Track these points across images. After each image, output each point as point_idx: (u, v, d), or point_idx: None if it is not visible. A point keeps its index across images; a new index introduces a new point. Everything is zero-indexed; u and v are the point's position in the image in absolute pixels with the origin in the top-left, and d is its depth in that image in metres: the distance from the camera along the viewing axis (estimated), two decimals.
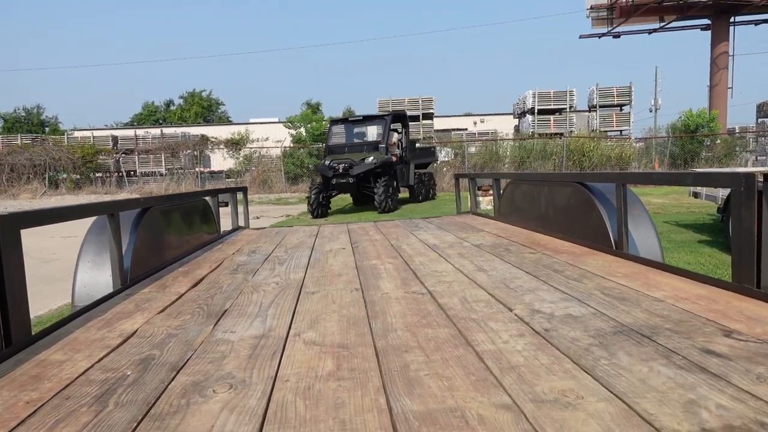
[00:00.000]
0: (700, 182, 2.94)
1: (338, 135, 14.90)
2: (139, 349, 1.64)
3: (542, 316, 1.82)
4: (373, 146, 13.81)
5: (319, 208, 12.82)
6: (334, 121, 15.39)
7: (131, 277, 2.60)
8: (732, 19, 25.82)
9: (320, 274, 2.75)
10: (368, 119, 14.66)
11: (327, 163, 13.58)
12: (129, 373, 1.44)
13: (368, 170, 13.12)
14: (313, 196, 12.90)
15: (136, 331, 1.84)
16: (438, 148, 24.08)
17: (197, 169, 25.18)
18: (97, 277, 2.52)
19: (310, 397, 1.25)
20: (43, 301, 5.19)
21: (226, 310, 2.08)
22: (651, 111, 39.03)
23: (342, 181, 13.10)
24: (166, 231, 3.38)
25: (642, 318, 1.74)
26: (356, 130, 14.75)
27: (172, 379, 1.39)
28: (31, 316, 4.55)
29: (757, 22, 26.86)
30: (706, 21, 26.63)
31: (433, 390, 1.27)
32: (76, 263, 2.61)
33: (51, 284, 6.03)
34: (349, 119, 14.91)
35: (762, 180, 1.86)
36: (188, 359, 1.53)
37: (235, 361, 1.51)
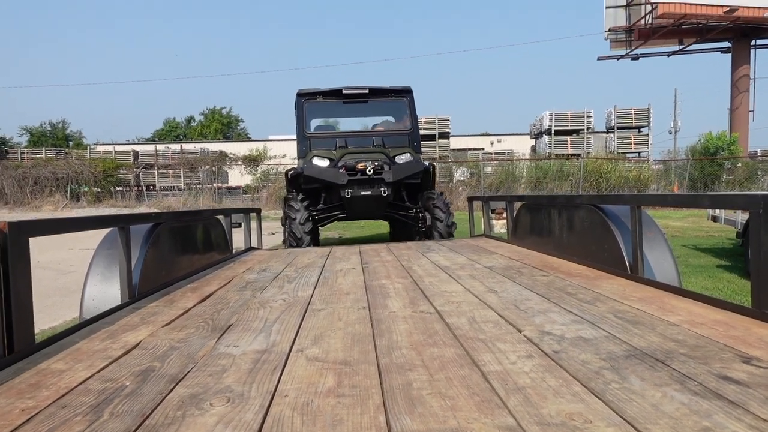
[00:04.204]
0: (717, 204, 2.88)
1: (320, 117, 8.55)
2: (140, 361, 1.63)
3: (552, 338, 1.77)
4: (399, 139, 7.82)
5: (311, 234, 7.01)
6: (308, 95, 7.93)
7: (140, 291, 2.60)
8: (753, 43, 25.60)
9: (329, 293, 2.72)
10: (376, 95, 8.09)
11: (323, 163, 7.33)
12: (128, 383, 1.43)
13: (411, 175, 7.44)
14: (301, 220, 6.81)
15: (139, 343, 1.82)
16: (454, 167, 24.08)
17: (215, 185, 25.46)
18: (106, 290, 2.53)
19: (308, 413, 1.22)
20: (58, 312, 5.23)
21: (230, 325, 2.06)
22: (670, 133, 38.74)
23: (367, 192, 7.09)
24: (176, 247, 3.39)
25: (656, 342, 1.68)
26: (352, 112, 8.71)
27: (170, 390, 1.37)
28: (46, 327, 4.57)
29: None
30: (727, 44, 26.44)
31: (434, 409, 1.23)
32: (85, 276, 2.62)
33: (67, 296, 6.09)
34: (344, 91, 7.89)
35: None
36: (188, 372, 1.51)
37: (235, 374, 1.49)
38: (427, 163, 7.81)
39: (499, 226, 5.41)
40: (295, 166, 8.01)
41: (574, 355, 1.59)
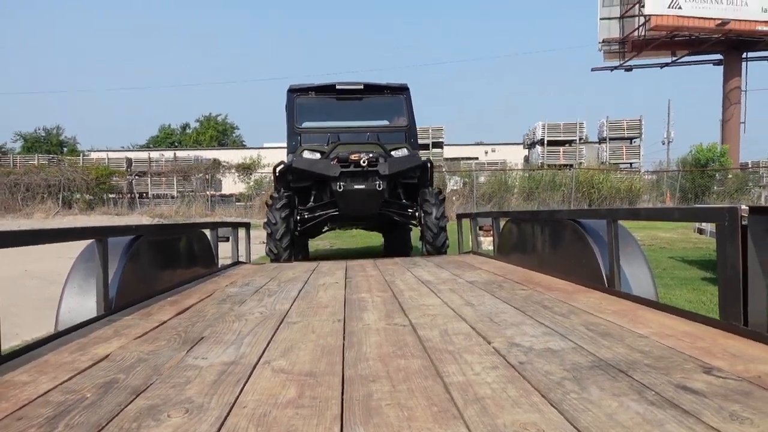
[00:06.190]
0: (686, 217, 2.92)
1: (312, 114, 7.88)
2: (105, 373, 1.62)
3: (520, 349, 1.78)
4: (395, 135, 7.45)
5: (291, 248, 6.57)
6: (299, 91, 7.55)
7: (117, 304, 2.58)
8: (744, 55, 25.89)
9: (307, 306, 2.72)
10: (371, 91, 7.65)
11: (313, 156, 6.73)
12: (88, 395, 1.42)
13: (407, 169, 6.87)
14: (278, 235, 6.43)
15: (108, 355, 1.82)
16: (447, 176, 24.14)
17: (208, 193, 25.43)
18: (83, 303, 2.51)
19: (264, 424, 1.22)
20: (43, 323, 5.18)
21: (203, 338, 2.05)
22: (663, 144, 39.08)
23: (360, 186, 6.54)
24: (158, 261, 3.36)
25: (622, 353, 1.69)
26: (345, 110, 7.96)
27: (130, 402, 1.37)
28: (30, 339, 4.52)
29: None
30: (719, 56, 26.72)
31: (390, 420, 1.23)
32: (62, 288, 2.61)
33: (55, 307, 6.03)
34: (338, 87, 7.50)
35: (747, 215, 1.83)
36: (151, 383, 1.51)
37: (198, 386, 1.49)
38: (424, 159, 7.28)
39: (487, 243, 5.42)
40: (285, 160, 7.38)
41: (539, 366, 1.60)
